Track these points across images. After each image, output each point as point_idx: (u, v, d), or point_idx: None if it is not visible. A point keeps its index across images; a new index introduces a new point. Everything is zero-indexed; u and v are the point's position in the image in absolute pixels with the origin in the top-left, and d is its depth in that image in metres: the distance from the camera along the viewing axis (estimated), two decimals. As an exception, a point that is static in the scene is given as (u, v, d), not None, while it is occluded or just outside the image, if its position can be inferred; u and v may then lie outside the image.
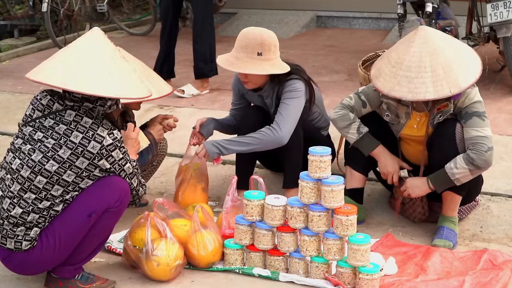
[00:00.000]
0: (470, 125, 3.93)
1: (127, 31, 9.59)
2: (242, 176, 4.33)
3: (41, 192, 3.37)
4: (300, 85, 4.33)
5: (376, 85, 3.98)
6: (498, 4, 6.06)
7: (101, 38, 3.49)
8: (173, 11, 6.67)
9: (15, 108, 6.42)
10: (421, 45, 3.87)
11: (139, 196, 3.69)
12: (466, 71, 3.87)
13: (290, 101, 4.30)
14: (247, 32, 4.28)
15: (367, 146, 4.18)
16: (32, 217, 3.39)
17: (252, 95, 4.52)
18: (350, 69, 7.24)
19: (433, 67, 3.82)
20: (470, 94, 3.97)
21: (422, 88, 3.82)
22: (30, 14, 9.38)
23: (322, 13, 9.60)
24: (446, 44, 3.93)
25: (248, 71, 4.23)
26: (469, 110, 3.95)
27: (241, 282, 3.77)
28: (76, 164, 3.36)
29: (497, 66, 6.67)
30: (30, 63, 7.93)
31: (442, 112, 3.99)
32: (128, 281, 3.78)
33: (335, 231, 3.64)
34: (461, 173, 3.90)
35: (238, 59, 4.25)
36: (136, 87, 3.45)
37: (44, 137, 3.38)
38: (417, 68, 3.84)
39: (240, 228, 3.84)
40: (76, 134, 3.36)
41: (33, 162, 3.37)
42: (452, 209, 4.12)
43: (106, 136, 3.39)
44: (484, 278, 3.70)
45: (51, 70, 3.40)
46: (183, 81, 6.81)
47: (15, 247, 3.42)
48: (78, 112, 3.41)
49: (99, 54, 3.42)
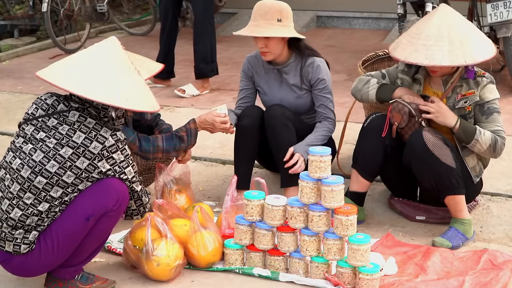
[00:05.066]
0: (492, 121, 4.11)
1: (127, 31, 9.59)
2: (241, 176, 4.33)
3: (40, 193, 3.36)
4: (325, 65, 4.51)
5: (393, 54, 4.11)
6: (498, 4, 6.06)
7: (118, 47, 3.48)
8: (173, 11, 6.67)
9: (15, 108, 6.42)
10: (440, 18, 4.05)
11: (143, 204, 3.65)
12: (482, 47, 4.05)
13: (326, 87, 4.49)
14: (265, 2, 4.37)
15: (388, 89, 4.22)
16: (31, 220, 3.37)
17: (267, 72, 4.54)
18: (350, 69, 7.24)
19: (450, 38, 3.97)
20: (494, 90, 4.14)
21: (438, 55, 3.95)
22: (30, 14, 9.37)
23: (322, 13, 9.59)
24: (464, 22, 4.13)
25: (271, 34, 4.29)
26: (491, 106, 4.13)
27: (241, 282, 3.77)
28: (76, 164, 3.34)
29: (497, 66, 6.67)
30: (30, 63, 7.95)
31: (468, 98, 4.10)
32: (128, 281, 3.78)
33: (335, 231, 3.63)
34: (482, 142, 4.04)
35: (258, 26, 4.32)
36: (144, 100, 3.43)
37: (47, 137, 3.37)
38: (435, 37, 3.99)
39: (240, 228, 3.84)
40: (79, 134, 3.35)
41: (33, 162, 3.36)
42: (459, 210, 4.11)
43: (109, 137, 3.38)
44: (484, 278, 3.70)
45: (63, 73, 3.37)
46: (183, 81, 6.81)
47: (14, 250, 3.41)
48: (82, 113, 3.41)
49: (114, 63, 3.41)
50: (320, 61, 4.49)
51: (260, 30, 4.29)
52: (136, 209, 3.63)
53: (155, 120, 4.26)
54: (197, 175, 5.00)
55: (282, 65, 4.49)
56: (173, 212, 3.95)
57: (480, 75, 4.13)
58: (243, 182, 4.36)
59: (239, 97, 4.69)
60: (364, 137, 4.25)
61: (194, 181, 4.69)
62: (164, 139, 4.04)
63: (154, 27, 9.30)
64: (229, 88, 6.74)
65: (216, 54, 6.68)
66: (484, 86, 4.11)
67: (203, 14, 6.55)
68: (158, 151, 4.04)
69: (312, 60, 4.48)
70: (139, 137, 3.97)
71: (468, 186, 4.11)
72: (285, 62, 4.49)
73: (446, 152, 3.99)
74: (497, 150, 4.08)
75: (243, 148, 4.49)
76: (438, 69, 4.06)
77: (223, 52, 8.03)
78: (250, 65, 4.62)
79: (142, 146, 3.97)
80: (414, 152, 4.01)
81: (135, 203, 3.60)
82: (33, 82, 7.06)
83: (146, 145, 3.99)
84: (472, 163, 4.16)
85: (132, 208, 3.63)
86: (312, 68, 4.46)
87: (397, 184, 4.43)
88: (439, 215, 4.32)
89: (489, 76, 4.15)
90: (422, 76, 4.22)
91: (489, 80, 4.13)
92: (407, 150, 4.08)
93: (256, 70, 4.59)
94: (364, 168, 4.27)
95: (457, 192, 4.05)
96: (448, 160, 3.98)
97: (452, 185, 4.02)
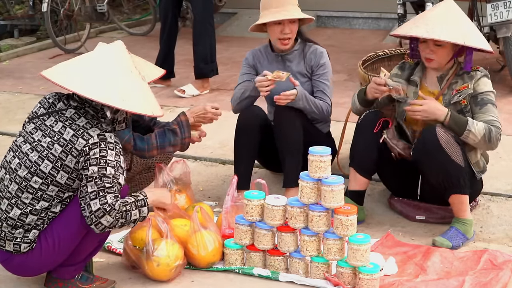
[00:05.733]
0: (485, 111, 4.09)
1: (127, 31, 9.59)
2: (241, 176, 4.33)
3: (37, 192, 3.37)
4: (326, 54, 4.60)
5: (393, 32, 4.26)
6: (498, 4, 6.07)
7: (123, 51, 3.46)
8: (173, 11, 6.67)
9: (15, 108, 6.42)
10: (445, 6, 4.14)
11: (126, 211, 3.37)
12: (481, 38, 4.13)
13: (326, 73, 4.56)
14: None
15: (362, 90, 4.34)
16: (30, 219, 3.38)
17: (271, 62, 4.59)
18: (350, 69, 7.24)
19: (452, 21, 4.05)
20: (488, 83, 4.14)
21: (437, 29, 4.01)
22: (30, 14, 9.37)
23: (322, 13, 9.60)
24: (466, 17, 4.18)
25: (303, 16, 4.46)
26: (485, 97, 4.11)
27: (241, 282, 3.77)
28: (66, 163, 3.34)
29: (497, 66, 6.67)
30: (30, 63, 7.96)
31: (462, 92, 4.11)
32: (128, 281, 3.78)
33: (335, 231, 3.63)
34: (475, 132, 4.01)
35: (287, 10, 4.43)
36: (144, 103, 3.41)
37: (42, 136, 3.39)
38: (437, 19, 4.06)
39: (240, 228, 3.84)
40: (68, 131, 3.36)
41: (30, 163, 3.38)
42: (463, 210, 4.11)
43: (95, 135, 3.35)
44: (484, 278, 3.70)
45: (65, 73, 3.38)
46: (183, 81, 6.81)
47: (14, 249, 3.42)
48: (78, 112, 3.41)
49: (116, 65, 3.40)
50: (322, 49, 4.61)
51: (292, 13, 4.43)
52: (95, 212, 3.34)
53: (152, 120, 4.26)
54: (197, 175, 5.00)
55: (287, 53, 4.53)
56: (174, 211, 3.94)
57: (474, 69, 4.15)
58: (243, 182, 4.36)
59: (240, 81, 4.67)
60: (358, 134, 4.27)
61: (194, 181, 4.69)
62: (157, 135, 4.04)
63: (154, 27, 9.30)
64: (229, 88, 6.73)
65: (216, 54, 6.68)
66: (478, 79, 4.13)
67: (203, 14, 6.55)
68: (152, 148, 4.03)
69: (315, 47, 4.59)
70: (134, 136, 3.97)
71: (471, 183, 4.11)
72: (290, 50, 4.53)
73: (457, 150, 3.99)
74: (492, 140, 4.02)
75: (244, 148, 4.49)
76: (435, 56, 4.09)
77: (223, 52, 8.03)
78: (254, 56, 4.68)
79: (137, 145, 3.97)
80: (426, 147, 4.00)
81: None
82: (33, 82, 7.06)
83: (141, 143, 3.99)
84: (475, 158, 4.16)
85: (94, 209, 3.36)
86: (315, 55, 4.56)
87: (397, 183, 4.43)
88: (439, 215, 4.32)
89: (483, 70, 4.17)
90: (418, 78, 4.23)
91: (483, 73, 4.15)
92: (418, 144, 4.07)
93: (259, 60, 4.65)
94: (360, 165, 4.27)
95: (463, 192, 4.06)
96: (458, 158, 3.99)
97: (459, 184, 4.02)
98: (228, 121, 4.90)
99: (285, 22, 4.43)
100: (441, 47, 4.06)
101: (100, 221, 3.32)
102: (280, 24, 4.44)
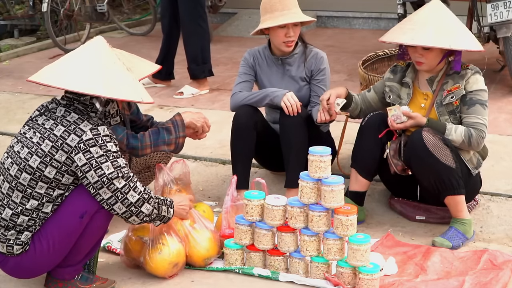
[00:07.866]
0: (472, 112, 4.08)
1: (127, 31, 9.59)
2: (240, 175, 4.32)
3: (26, 190, 3.37)
4: (326, 59, 4.61)
5: (381, 39, 4.22)
6: (498, 4, 6.06)
7: (103, 45, 3.46)
8: (172, 11, 6.62)
9: (15, 108, 6.42)
10: (431, 7, 4.13)
11: (133, 204, 3.44)
12: (469, 39, 4.10)
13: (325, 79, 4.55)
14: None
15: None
16: (22, 220, 3.38)
17: (270, 65, 4.59)
18: (350, 69, 7.24)
19: (438, 23, 4.03)
20: (479, 81, 4.12)
21: (423, 36, 4.01)
22: (30, 14, 9.38)
23: (322, 13, 9.61)
24: (453, 17, 4.16)
25: (307, 18, 4.43)
26: (474, 96, 4.09)
27: (241, 282, 3.77)
28: (55, 158, 3.34)
29: (497, 66, 6.67)
30: (30, 63, 7.95)
31: (454, 93, 4.11)
32: (128, 281, 3.78)
33: (335, 231, 3.64)
34: (453, 139, 4.04)
35: (294, 13, 4.40)
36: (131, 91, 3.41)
37: (33, 134, 3.41)
38: (423, 21, 4.06)
39: (240, 228, 3.84)
40: (60, 128, 3.36)
41: (20, 159, 3.39)
42: (459, 210, 4.11)
43: (88, 130, 3.35)
44: (484, 278, 3.70)
45: (51, 72, 3.41)
46: (183, 81, 6.81)
47: (8, 251, 3.41)
48: (68, 109, 3.42)
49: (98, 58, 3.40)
50: (323, 53, 4.60)
51: (298, 15, 4.41)
52: (127, 211, 3.45)
53: (149, 121, 4.25)
54: (197, 175, 5.00)
55: (287, 56, 4.52)
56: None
57: (464, 67, 4.15)
58: (242, 181, 4.35)
59: (239, 80, 4.64)
60: (361, 135, 4.27)
61: (194, 181, 4.69)
62: (151, 134, 4.02)
63: (154, 27, 9.30)
64: (229, 88, 6.72)
65: (210, 55, 6.59)
66: (468, 78, 4.12)
67: (190, 15, 6.42)
68: (146, 147, 4.01)
69: (316, 51, 4.59)
70: (128, 135, 3.96)
71: (467, 180, 4.11)
72: (290, 53, 4.53)
73: (446, 152, 3.99)
74: (472, 144, 4.05)
75: (240, 148, 4.48)
76: (424, 59, 4.09)
77: (223, 52, 8.03)
78: (253, 57, 4.66)
79: (130, 143, 3.95)
80: (414, 152, 4.01)
81: (122, 203, 3.42)
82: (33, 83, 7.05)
83: (134, 141, 3.97)
84: (468, 156, 4.16)
85: (122, 212, 3.44)
86: (316, 59, 4.55)
87: (397, 184, 4.43)
88: (439, 215, 4.32)
89: (473, 67, 4.16)
90: (410, 79, 4.24)
91: (474, 71, 4.14)
92: (407, 149, 4.08)
93: (258, 63, 4.63)
94: (363, 167, 4.27)
95: (457, 192, 4.05)
96: (448, 160, 3.99)
97: (452, 185, 4.02)
98: (228, 121, 4.89)
99: (289, 25, 4.40)
100: (429, 50, 4.06)
101: (141, 210, 3.44)
102: (285, 27, 4.41)
